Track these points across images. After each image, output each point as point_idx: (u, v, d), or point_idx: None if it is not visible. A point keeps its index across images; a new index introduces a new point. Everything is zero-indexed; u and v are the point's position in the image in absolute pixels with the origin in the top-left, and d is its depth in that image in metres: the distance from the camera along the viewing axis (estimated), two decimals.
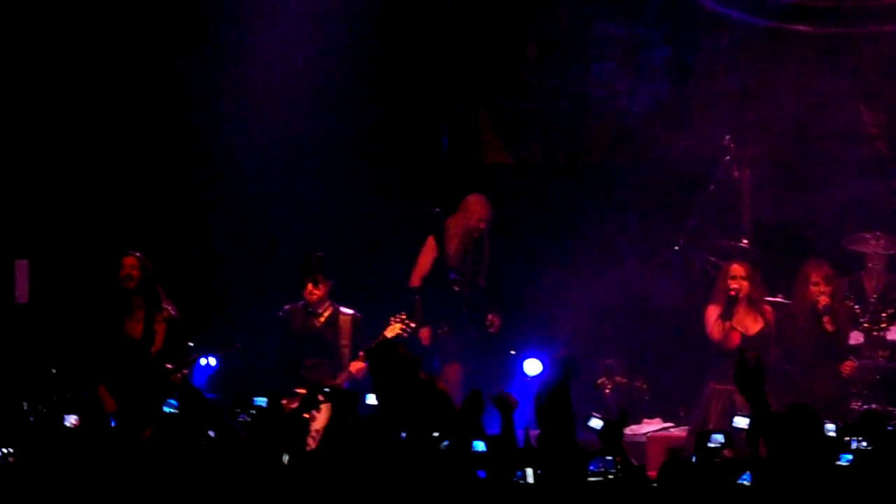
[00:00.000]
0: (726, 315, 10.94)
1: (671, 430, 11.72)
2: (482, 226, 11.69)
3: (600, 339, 12.17)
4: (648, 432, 11.81)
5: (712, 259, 11.93)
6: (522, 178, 13.39)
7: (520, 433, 6.91)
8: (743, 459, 6.83)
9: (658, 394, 12.50)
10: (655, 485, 6.41)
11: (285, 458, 6.83)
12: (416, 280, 11.82)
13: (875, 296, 11.61)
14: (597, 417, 7.20)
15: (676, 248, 12.01)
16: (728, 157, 12.21)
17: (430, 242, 11.78)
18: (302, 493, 6.58)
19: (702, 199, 12.08)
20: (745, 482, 6.36)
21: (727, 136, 12.24)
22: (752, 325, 11.05)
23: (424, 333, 11.66)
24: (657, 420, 12.17)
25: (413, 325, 11.18)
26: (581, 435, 6.99)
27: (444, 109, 13.38)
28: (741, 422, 7.10)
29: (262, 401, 7.52)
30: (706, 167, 12.35)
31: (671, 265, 12.33)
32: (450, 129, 13.42)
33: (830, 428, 6.72)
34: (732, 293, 10.90)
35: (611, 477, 6.48)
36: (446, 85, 13.28)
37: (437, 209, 12.49)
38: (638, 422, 12.20)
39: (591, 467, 6.51)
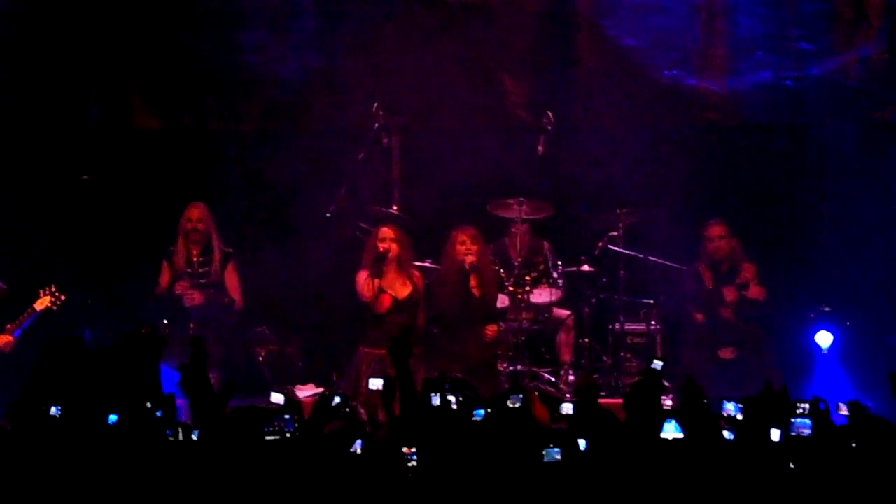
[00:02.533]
0: (375, 274, 10.93)
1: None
2: (200, 226, 11.41)
3: (254, 305, 12.00)
4: (302, 398, 11.62)
5: (363, 225, 11.98)
6: (173, 145, 13.14)
7: None
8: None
9: (311, 360, 12.56)
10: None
11: None
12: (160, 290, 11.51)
13: (519, 260, 11.92)
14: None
15: (328, 214, 11.99)
16: (377, 125, 12.28)
17: (164, 267, 11.52)
18: None
19: (352, 167, 12.11)
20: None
21: (375, 104, 12.30)
22: (401, 288, 11.06)
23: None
24: (310, 385, 12.17)
25: (63, 297, 10.84)
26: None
27: (91, 75, 12.97)
28: (376, 383, 7.40)
29: None
30: (357, 135, 12.42)
31: (323, 232, 12.32)
32: (98, 95, 13.04)
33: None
34: (381, 251, 10.90)
35: (288, 435, 6.50)
36: (94, 51, 12.89)
37: (86, 176, 12.33)
38: (292, 387, 12.15)
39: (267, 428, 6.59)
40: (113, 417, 6.62)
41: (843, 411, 6.87)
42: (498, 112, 13.04)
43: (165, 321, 11.32)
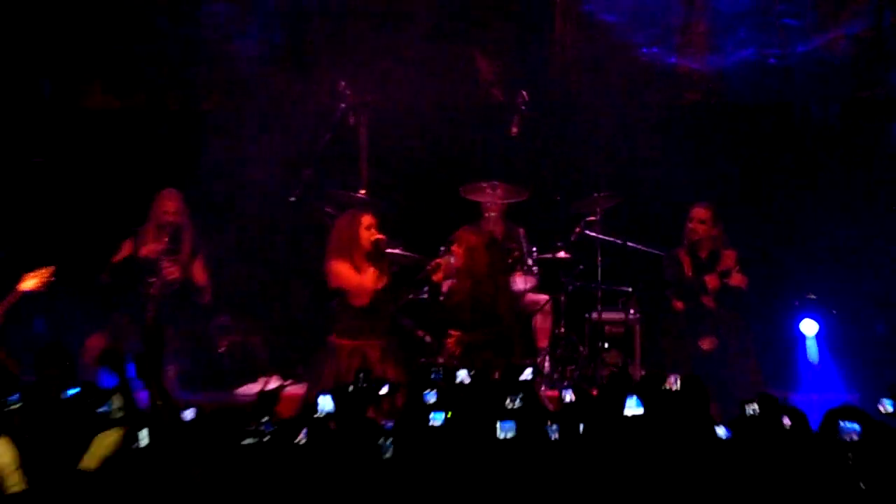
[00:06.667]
0: (358, 265, 10.38)
1: (289, 387, 11.16)
2: (176, 219, 11.16)
3: (216, 294, 11.64)
4: (283, 389, 11.05)
5: (329, 210, 11.67)
6: (130, 124, 12.88)
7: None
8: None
9: (275, 350, 12.31)
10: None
11: None
12: (105, 276, 11.21)
13: None
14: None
15: (293, 198, 11.68)
16: (344, 104, 12.00)
17: (126, 246, 11.20)
18: None
19: (317, 148, 11.84)
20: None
21: (342, 83, 12.04)
22: (382, 278, 10.49)
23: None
24: (275, 378, 11.85)
25: (53, 279, 10.47)
26: None
27: (44, 53, 12.70)
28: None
29: None
30: (322, 115, 12.18)
31: (287, 217, 12.15)
32: (50, 73, 12.81)
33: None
34: (372, 241, 10.37)
35: (266, 439, 6.35)
36: (45, 26, 12.64)
37: (39, 158, 12.20)
38: (254, 380, 11.96)
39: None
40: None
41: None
42: (470, 91, 12.89)
43: (118, 315, 11.16)
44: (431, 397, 7.11)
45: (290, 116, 12.53)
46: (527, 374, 8.35)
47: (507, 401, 6.93)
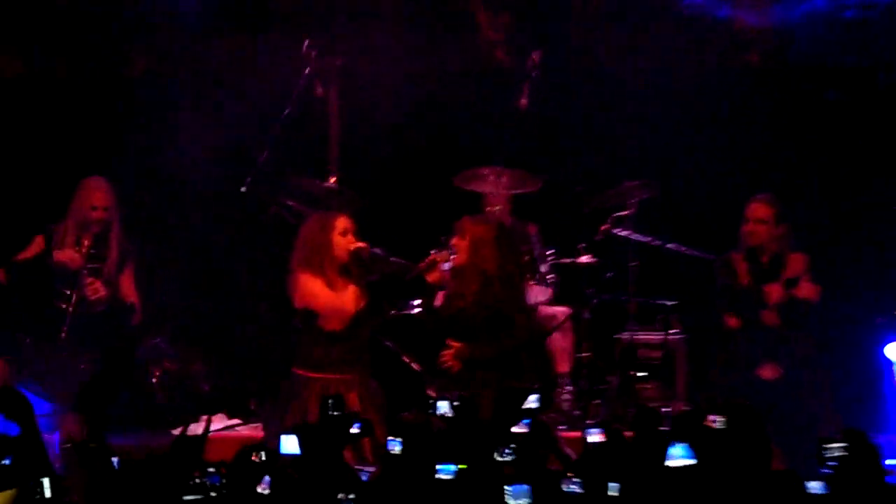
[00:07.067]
0: (331, 281, 9.46)
1: (239, 428, 10.67)
2: (104, 215, 10.16)
3: (149, 308, 10.63)
4: (210, 431, 10.24)
5: (291, 204, 10.93)
6: (41, 94, 12.23)
7: None
8: None
9: (222, 381, 11.58)
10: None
11: None
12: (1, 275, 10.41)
13: None
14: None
15: (244, 188, 10.85)
16: (309, 70, 11.25)
17: (36, 244, 10.30)
18: None
19: (276, 126, 11.04)
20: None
21: (306, 43, 11.25)
22: (362, 295, 9.58)
23: None
24: (221, 416, 11.09)
25: None
26: None
27: None
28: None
29: None
30: (282, 83, 11.44)
31: (239, 212, 11.38)
32: None
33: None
34: (352, 251, 9.36)
35: (213, 494, 6.21)
36: None
37: None
38: (195, 418, 10.89)
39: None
40: None
41: None
42: (469, 53, 12.26)
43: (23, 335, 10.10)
44: (395, 447, 6.59)
45: (241, 86, 11.94)
46: (531, 401, 7.63)
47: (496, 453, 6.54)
